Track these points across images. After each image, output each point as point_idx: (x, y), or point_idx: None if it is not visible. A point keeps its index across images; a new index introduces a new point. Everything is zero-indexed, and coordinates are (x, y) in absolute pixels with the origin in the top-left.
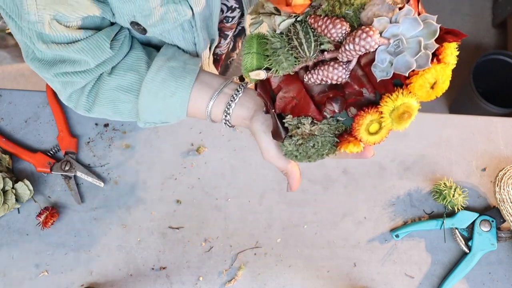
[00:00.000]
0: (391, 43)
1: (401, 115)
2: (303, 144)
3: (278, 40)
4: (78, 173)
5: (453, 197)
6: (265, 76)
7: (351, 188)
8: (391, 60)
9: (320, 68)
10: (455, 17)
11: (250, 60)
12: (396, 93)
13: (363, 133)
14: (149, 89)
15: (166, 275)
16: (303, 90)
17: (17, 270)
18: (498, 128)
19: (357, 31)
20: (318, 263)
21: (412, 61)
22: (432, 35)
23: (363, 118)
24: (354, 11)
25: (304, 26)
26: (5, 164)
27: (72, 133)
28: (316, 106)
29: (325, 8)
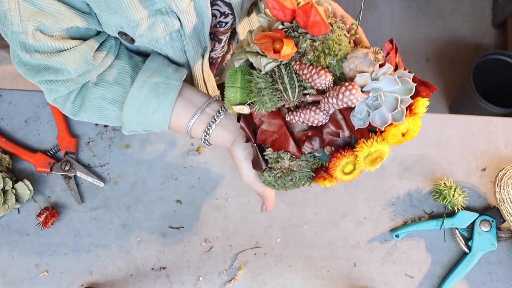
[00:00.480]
0: (370, 96)
1: (374, 160)
2: (281, 177)
3: (263, 80)
4: (78, 173)
5: (453, 197)
6: (248, 111)
7: (351, 188)
8: (369, 110)
9: (302, 111)
10: (455, 17)
11: (234, 95)
12: (371, 140)
13: (338, 173)
14: (133, 104)
15: (166, 275)
16: (284, 127)
17: (17, 270)
18: (498, 128)
19: (340, 87)
20: (318, 263)
21: (389, 116)
22: (408, 92)
23: (339, 160)
24: (337, 61)
25: (289, 70)
26: (5, 164)
27: (72, 133)
28: (296, 143)
29: (310, 58)
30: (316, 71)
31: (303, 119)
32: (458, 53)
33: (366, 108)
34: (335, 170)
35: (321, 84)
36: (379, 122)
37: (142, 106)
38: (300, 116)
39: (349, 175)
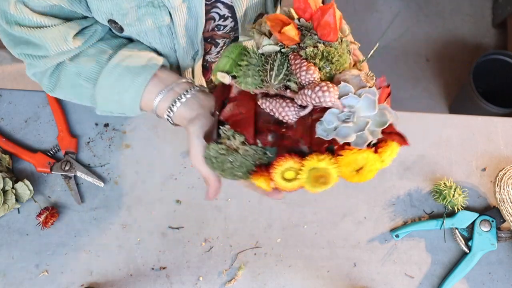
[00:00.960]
0: (344, 111)
1: (317, 177)
2: (223, 155)
3: (256, 58)
4: (78, 173)
5: (453, 197)
6: (228, 81)
7: (351, 188)
8: (337, 126)
9: (276, 100)
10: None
11: (225, 63)
12: (324, 156)
13: (277, 174)
14: (106, 82)
15: (166, 275)
16: (253, 111)
17: (17, 270)
18: (498, 128)
19: (320, 83)
20: (318, 263)
21: (352, 135)
22: (381, 124)
23: (284, 161)
24: (331, 69)
25: (283, 58)
26: (5, 164)
27: (72, 133)
28: (255, 130)
29: (308, 52)
30: (307, 65)
31: (274, 107)
32: (458, 53)
33: (335, 123)
34: (276, 170)
35: (305, 78)
36: (340, 138)
37: (115, 84)
38: (272, 103)
39: (288, 183)
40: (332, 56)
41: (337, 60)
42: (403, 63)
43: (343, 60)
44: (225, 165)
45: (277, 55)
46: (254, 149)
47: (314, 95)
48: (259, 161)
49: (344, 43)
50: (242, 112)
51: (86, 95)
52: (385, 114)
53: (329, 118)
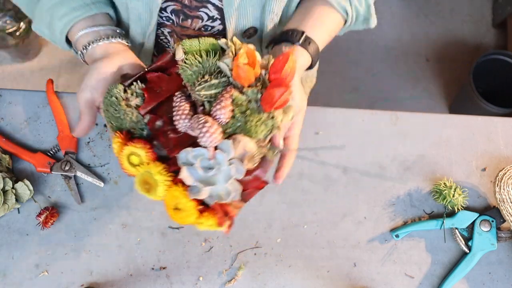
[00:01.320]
0: (211, 161)
1: (145, 181)
2: (115, 105)
3: (210, 65)
4: (78, 173)
5: (453, 197)
6: (179, 59)
7: (351, 188)
8: (193, 163)
9: (185, 105)
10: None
11: (192, 46)
12: (161, 170)
13: (128, 150)
14: (47, 2)
15: (166, 275)
16: (168, 95)
17: (17, 270)
18: (498, 128)
19: (213, 125)
20: (318, 263)
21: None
22: (225, 196)
23: (139, 145)
24: (240, 126)
25: (223, 83)
26: (5, 164)
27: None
28: (154, 108)
29: (238, 99)
30: (225, 106)
31: (178, 108)
32: (458, 53)
33: (195, 161)
34: (129, 147)
35: (215, 113)
36: (187, 175)
37: (53, 7)
38: (179, 104)
39: (131, 167)
40: (250, 119)
41: (251, 125)
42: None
43: (255, 130)
44: (110, 108)
45: (221, 77)
46: (139, 119)
47: (200, 126)
48: (133, 130)
49: (272, 121)
50: (162, 87)
51: (28, 6)
52: (230, 192)
53: (196, 153)
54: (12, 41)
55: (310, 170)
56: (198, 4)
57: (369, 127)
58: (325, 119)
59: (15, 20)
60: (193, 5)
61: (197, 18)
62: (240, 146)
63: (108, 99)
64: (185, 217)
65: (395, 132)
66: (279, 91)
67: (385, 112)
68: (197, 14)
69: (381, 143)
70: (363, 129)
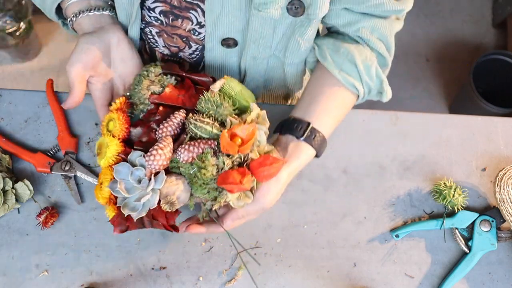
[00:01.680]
0: (145, 178)
1: (100, 145)
2: (141, 77)
3: (222, 114)
4: (78, 173)
5: (453, 197)
6: (214, 89)
7: (351, 188)
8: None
9: (179, 121)
10: (455, 17)
11: (235, 91)
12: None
13: (107, 117)
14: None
15: (166, 275)
16: (186, 105)
17: (17, 270)
18: (498, 128)
19: (163, 154)
20: (318, 263)
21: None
22: None
23: (121, 113)
24: (193, 178)
25: (214, 132)
26: (5, 164)
27: (72, 133)
28: (169, 105)
29: (206, 156)
30: (192, 149)
31: (170, 119)
32: (458, 53)
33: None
34: (112, 113)
35: (180, 149)
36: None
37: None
38: (174, 118)
39: (106, 132)
40: (200, 177)
41: (197, 182)
42: (403, 63)
43: (196, 188)
44: (137, 77)
45: (216, 128)
46: (145, 102)
47: (156, 146)
48: (134, 106)
49: (217, 194)
50: (182, 95)
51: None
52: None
53: (140, 161)
54: (12, 41)
55: (310, 170)
56: (188, 5)
57: (369, 127)
58: None
59: (15, 20)
60: (183, 5)
61: (187, 19)
62: (170, 187)
63: (142, 70)
64: (99, 197)
65: (395, 132)
66: (236, 178)
67: (385, 112)
68: (187, 15)
69: (381, 143)
70: (363, 129)
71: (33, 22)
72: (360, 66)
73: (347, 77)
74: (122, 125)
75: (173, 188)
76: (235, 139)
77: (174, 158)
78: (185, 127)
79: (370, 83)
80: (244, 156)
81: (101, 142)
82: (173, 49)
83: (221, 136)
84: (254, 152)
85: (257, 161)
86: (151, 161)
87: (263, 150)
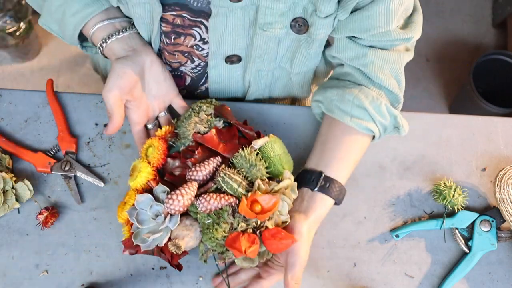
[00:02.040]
0: (162, 214)
1: (136, 167)
2: (191, 113)
3: (253, 174)
4: (78, 173)
5: (453, 197)
6: (254, 146)
7: (351, 188)
8: (152, 204)
9: (212, 167)
10: (455, 17)
11: (274, 154)
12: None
13: (148, 142)
14: (56, 0)
15: (166, 275)
16: (225, 153)
17: (17, 270)
18: (498, 128)
19: (181, 200)
20: (318, 263)
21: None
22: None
23: (162, 141)
24: (206, 228)
25: (240, 191)
26: (5, 164)
27: (72, 133)
28: (208, 147)
29: (223, 212)
30: (213, 201)
31: (206, 162)
32: (458, 53)
33: (151, 203)
34: (154, 139)
35: (201, 198)
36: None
37: (65, 4)
38: (209, 163)
39: (144, 156)
40: (212, 231)
41: (208, 232)
42: None
43: (207, 237)
44: (187, 111)
45: (243, 187)
46: (187, 137)
47: (178, 191)
48: (177, 137)
49: (224, 251)
50: (225, 141)
51: (36, 1)
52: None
53: (161, 196)
54: (12, 41)
55: None
56: (191, 23)
57: None
58: None
59: (15, 20)
60: (186, 23)
61: (190, 35)
62: (181, 231)
63: (195, 105)
64: (119, 216)
65: None
66: (243, 246)
67: None
68: (190, 32)
69: (381, 143)
70: None
71: (33, 22)
72: (370, 108)
73: (360, 122)
74: (160, 155)
75: (184, 232)
76: (255, 205)
77: (194, 203)
78: (215, 175)
79: (384, 122)
80: (261, 222)
81: (136, 164)
82: (175, 64)
83: (242, 201)
84: (271, 221)
85: (270, 232)
86: (169, 204)
87: (279, 220)
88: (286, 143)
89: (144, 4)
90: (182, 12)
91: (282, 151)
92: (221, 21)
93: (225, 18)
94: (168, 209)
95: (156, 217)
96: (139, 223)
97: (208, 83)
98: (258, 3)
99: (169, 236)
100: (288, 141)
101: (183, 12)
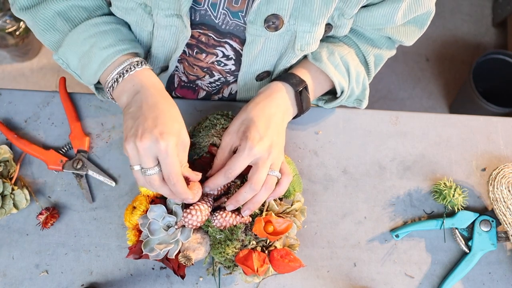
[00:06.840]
0: (176, 225)
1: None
2: (211, 126)
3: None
4: (90, 171)
5: (453, 197)
6: None
7: (351, 188)
8: (164, 215)
9: (231, 188)
10: (455, 17)
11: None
12: None
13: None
14: (89, 29)
15: (166, 275)
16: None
17: (17, 270)
18: (498, 128)
19: (199, 217)
20: (318, 263)
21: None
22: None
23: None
24: (217, 243)
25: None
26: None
27: (85, 132)
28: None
29: (236, 230)
30: (228, 218)
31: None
32: (458, 53)
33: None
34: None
35: (217, 214)
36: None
37: (96, 36)
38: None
39: None
40: (223, 246)
41: (219, 248)
42: (403, 63)
43: (216, 252)
44: (206, 122)
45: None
46: (204, 148)
47: (196, 206)
48: (193, 146)
49: (232, 265)
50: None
51: (54, 38)
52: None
53: (175, 209)
54: (12, 41)
55: (310, 170)
56: (216, 43)
57: (369, 127)
58: (325, 119)
59: (15, 19)
60: (211, 43)
61: (212, 54)
62: (192, 244)
63: (212, 118)
64: (127, 220)
65: (395, 132)
66: (256, 265)
67: (385, 112)
68: (214, 51)
69: (381, 143)
70: (363, 129)
71: None
72: (353, 72)
73: (340, 79)
74: None
75: (195, 245)
76: (269, 225)
77: (208, 218)
78: (229, 191)
79: (355, 89)
80: (270, 242)
81: (137, 201)
82: (192, 77)
83: (257, 220)
84: (279, 241)
85: (279, 253)
86: (187, 219)
87: (288, 242)
88: (286, 143)
89: (171, 27)
90: (209, 32)
91: (294, 173)
92: (256, 47)
93: (260, 45)
94: (186, 223)
95: (167, 228)
96: (151, 233)
97: (221, 94)
98: (295, 29)
99: (176, 250)
100: (288, 141)
101: (210, 32)
